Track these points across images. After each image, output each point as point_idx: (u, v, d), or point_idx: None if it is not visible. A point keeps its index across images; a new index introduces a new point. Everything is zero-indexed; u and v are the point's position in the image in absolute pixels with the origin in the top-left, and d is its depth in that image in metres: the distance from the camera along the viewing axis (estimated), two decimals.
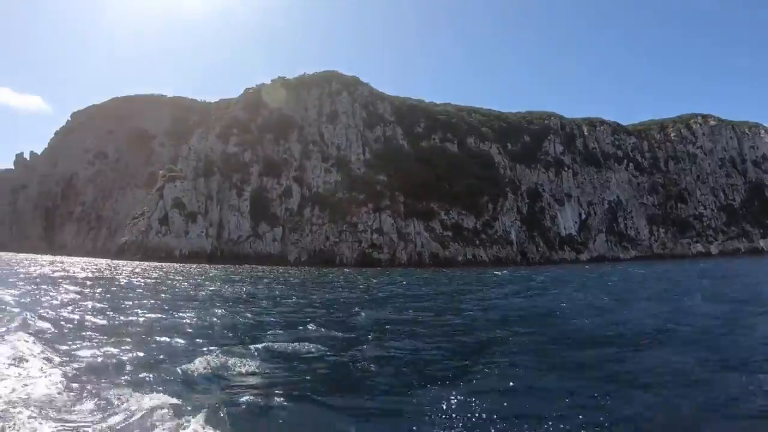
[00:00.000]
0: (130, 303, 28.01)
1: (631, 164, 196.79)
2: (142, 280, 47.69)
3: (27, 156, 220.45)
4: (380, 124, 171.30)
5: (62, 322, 18.96)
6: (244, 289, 39.61)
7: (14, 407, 9.57)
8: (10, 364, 12.56)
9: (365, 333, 17.83)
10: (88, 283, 41.80)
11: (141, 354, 14.32)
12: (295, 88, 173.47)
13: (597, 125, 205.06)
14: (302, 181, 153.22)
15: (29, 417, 9.24)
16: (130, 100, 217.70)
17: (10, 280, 42.47)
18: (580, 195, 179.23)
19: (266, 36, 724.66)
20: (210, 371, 12.48)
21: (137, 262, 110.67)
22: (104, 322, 20.29)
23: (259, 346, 14.82)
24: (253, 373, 12.64)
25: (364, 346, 15.05)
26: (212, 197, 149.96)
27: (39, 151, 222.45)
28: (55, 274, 51.61)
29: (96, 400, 9.94)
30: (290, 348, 14.76)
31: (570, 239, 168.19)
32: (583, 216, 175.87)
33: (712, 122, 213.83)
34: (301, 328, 18.45)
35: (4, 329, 16.51)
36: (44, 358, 13.17)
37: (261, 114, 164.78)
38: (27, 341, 14.58)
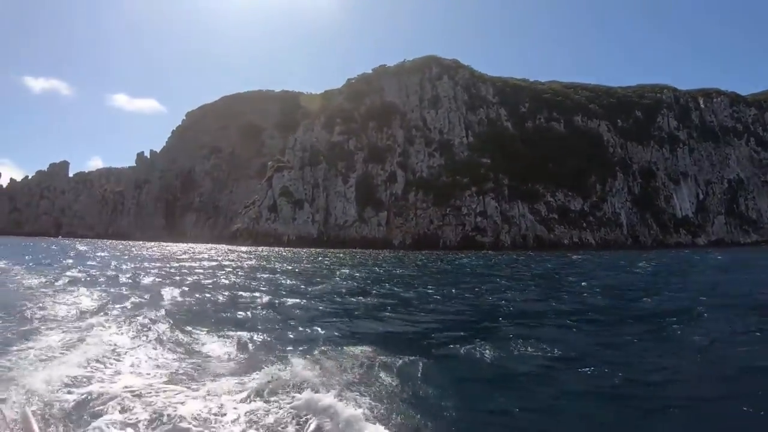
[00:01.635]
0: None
1: (752, 139, 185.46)
2: (291, 266, 52.97)
3: (147, 154, 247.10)
4: (483, 107, 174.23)
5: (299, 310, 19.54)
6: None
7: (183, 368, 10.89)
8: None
9: None
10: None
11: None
12: (396, 75, 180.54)
13: (713, 96, 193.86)
14: (406, 166, 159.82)
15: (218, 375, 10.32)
16: (240, 97, 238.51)
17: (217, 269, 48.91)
18: (696, 173, 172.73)
19: (366, 26, 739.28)
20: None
21: (250, 248, 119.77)
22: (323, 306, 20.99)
23: None
24: None
25: None
26: (318, 185, 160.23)
27: (158, 149, 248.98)
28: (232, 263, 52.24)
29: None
30: None
31: (686, 221, 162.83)
32: (701, 196, 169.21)
33: None
34: None
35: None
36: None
37: (364, 103, 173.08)
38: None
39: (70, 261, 49.79)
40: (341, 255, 78.54)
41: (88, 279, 30.58)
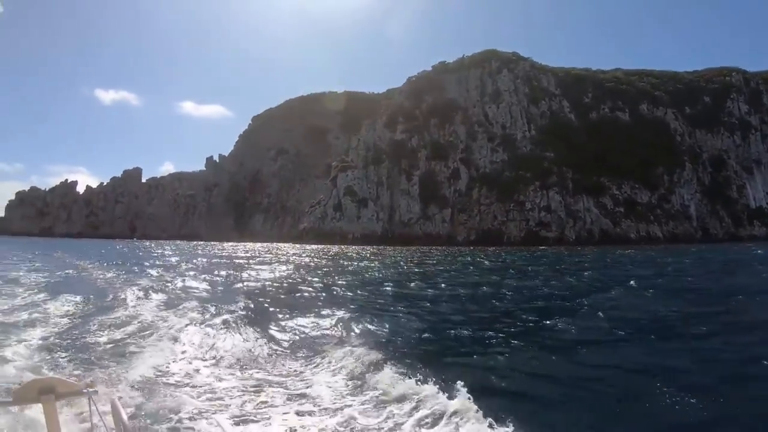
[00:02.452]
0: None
1: None
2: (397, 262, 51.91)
3: (216, 158, 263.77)
4: (545, 99, 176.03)
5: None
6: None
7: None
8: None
9: None
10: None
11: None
12: (456, 71, 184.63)
13: None
14: (469, 162, 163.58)
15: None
16: (305, 100, 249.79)
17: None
18: None
19: (426, 23, 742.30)
20: None
21: (318, 246, 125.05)
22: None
23: None
24: None
25: None
26: (382, 183, 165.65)
27: (226, 152, 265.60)
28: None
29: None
30: None
31: (760, 213, 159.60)
32: None
33: None
34: None
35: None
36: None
37: (425, 100, 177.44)
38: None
39: (151, 260, 55.15)
40: (439, 256, 75.17)
41: (173, 276, 34.29)
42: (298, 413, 8.12)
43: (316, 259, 61.33)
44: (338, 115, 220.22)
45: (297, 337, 14.28)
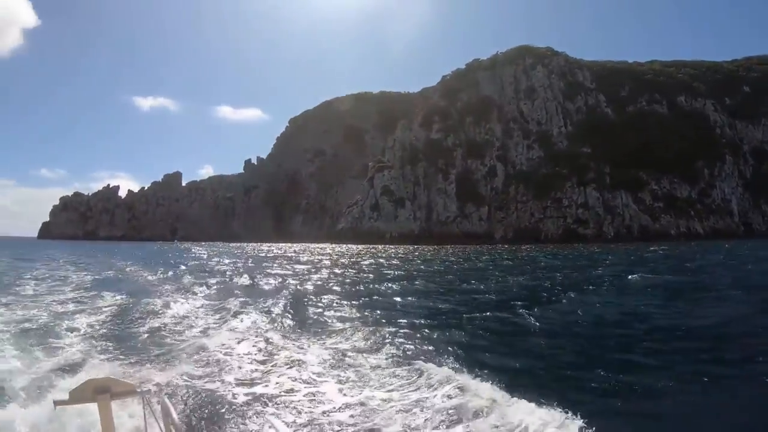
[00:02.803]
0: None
1: None
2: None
3: (254, 161, 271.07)
4: (580, 94, 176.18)
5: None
6: None
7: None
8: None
9: None
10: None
11: None
12: (490, 68, 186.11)
13: None
14: (505, 159, 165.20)
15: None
16: (340, 101, 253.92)
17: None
18: None
19: (459, 21, 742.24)
20: None
21: (359, 245, 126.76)
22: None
23: None
24: None
25: None
26: (419, 182, 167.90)
27: (264, 155, 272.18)
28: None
29: None
30: None
31: None
32: None
33: None
34: None
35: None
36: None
37: (459, 98, 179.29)
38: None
39: (191, 261, 57.39)
40: (503, 255, 72.99)
41: (213, 276, 36.12)
42: (351, 414, 8.02)
43: (383, 260, 59.66)
44: (374, 115, 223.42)
45: (355, 335, 14.07)
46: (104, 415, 3.52)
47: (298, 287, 27.47)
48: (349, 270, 42.87)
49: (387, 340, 12.89)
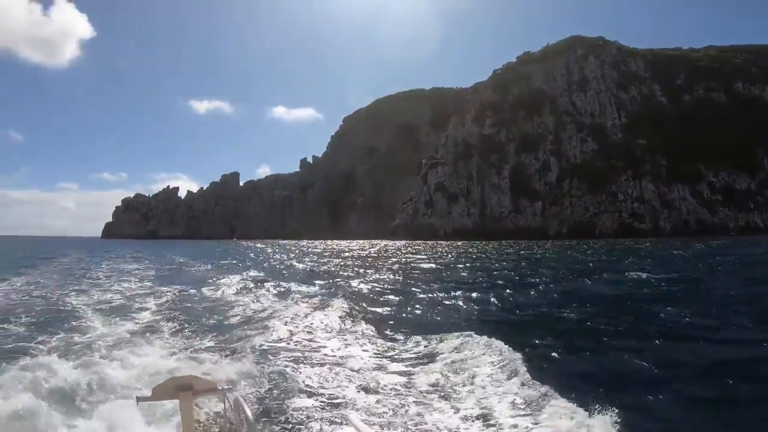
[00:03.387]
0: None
1: None
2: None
3: (310, 159, 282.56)
4: (634, 83, 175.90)
5: None
6: None
7: None
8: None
9: None
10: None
11: None
12: (541, 61, 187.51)
13: None
14: (559, 153, 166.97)
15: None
16: (393, 99, 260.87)
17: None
18: None
19: (509, 13, 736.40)
20: None
21: (411, 241, 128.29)
22: None
23: None
24: None
25: None
26: (473, 178, 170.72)
27: (319, 153, 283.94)
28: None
29: None
30: None
31: None
32: None
33: None
34: None
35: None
36: None
37: (511, 92, 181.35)
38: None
39: (252, 258, 59.32)
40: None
41: (276, 271, 37.30)
42: (433, 413, 7.64)
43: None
44: (427, 112, 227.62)
45: (431, 334, 13.16)
46: (185, 411, 3.73)
47: (371, 284, 27.33)
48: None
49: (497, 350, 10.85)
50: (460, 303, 19.68)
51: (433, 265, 43.55)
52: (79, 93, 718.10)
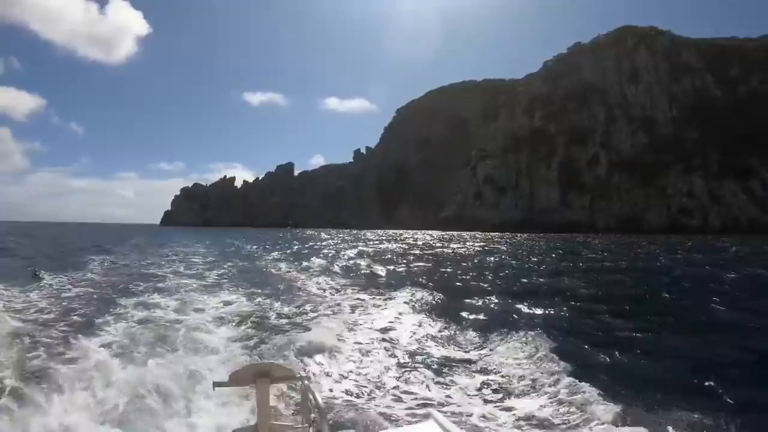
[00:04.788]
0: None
1: None
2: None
3: (363, 150, 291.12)
4: (687, 75, 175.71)
5: None
6: None
7: None
8: None
9: None
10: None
11: None
12: (591, 52, 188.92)
13: None
14: (609, 146, 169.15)
15: None
16: (445, 91, 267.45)
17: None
18: None
19: (560, 3, 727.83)
20: None
21: (461, 232, 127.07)
22: None
23: None
24: None
25: None
26: (521, 171, 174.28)
27: (372, 144, 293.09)
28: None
29: None
30: None
31: None
32: None
33: None
34: None
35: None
36: None
37: (561, 84, 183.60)
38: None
39: (310, 247, 59.14)
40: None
41: (337, 258, 37.95)
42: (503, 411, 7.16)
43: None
44: (478, 103, 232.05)
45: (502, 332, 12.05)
46: (262, 397, 3.74)
47: (446, 277, 26.48)
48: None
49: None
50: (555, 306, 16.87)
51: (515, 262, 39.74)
52: (136, 87, 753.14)
